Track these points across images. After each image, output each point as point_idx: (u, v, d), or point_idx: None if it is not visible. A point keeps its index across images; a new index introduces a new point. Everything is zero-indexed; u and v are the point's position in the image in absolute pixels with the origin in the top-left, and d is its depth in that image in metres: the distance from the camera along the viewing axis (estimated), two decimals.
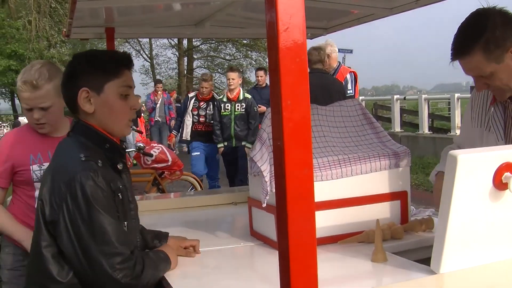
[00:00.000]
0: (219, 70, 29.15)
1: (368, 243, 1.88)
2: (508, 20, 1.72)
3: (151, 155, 5.38)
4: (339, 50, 7.21)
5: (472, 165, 1.47)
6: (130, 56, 1.76)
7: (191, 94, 7.44)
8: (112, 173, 1.62)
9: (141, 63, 30.59)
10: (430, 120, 13.22)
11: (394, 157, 2.05)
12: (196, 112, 7.03)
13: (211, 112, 6.96)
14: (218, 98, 7.00)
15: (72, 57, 1.75)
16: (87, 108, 1.63)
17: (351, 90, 5.65)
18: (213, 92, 7.24)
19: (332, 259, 1.80)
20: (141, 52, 30.35)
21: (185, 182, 6.45)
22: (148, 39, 26.57)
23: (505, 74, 1.74)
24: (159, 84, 12.90)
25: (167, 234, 1.97)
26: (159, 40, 28.02)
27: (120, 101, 1.67)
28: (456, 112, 11.35)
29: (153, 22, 3.25)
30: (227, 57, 29.42)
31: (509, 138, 1.87)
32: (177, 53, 29.10)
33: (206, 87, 7.01)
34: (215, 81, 27.14)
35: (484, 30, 1.69)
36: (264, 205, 1.93)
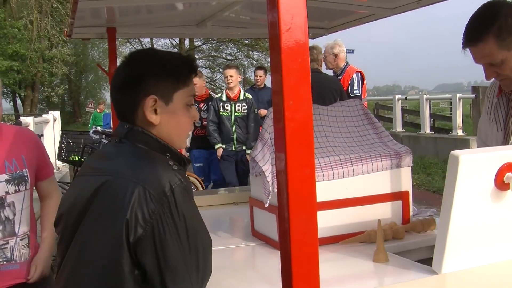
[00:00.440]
0: (220, 70, 29.15)
1: (370, 243, 1.88)
2: None
3: None
4: None
5: (474, 165, 1.47)
6: (196, 60, 1.55)
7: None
8: None
9: None
10: (432, 120, 13.21)
11: (395, 157, 2.05)
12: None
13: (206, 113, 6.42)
14: (215, 97, 6.50)
15: (131, 56, 1.47)
16: (154, 119, 1.37)
17: (357, 90, 5.63)
18: (209, 90, 6.85)
19: (333, 259, 1.80)
20: None
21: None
22: (149, 39, 26.51)
23: None
24: None
25: None
26: (161, 40, 28.01)
27: (186, 112, 1.44)
28: (458, 112, 11.34)
29: (155, 22, 3.25)
30: (229, 57, 29.42)
31: (508, 130, 1.92)
32: None
33: (195, 83, 6.73)
34: (216, 81, 27.13)
35: (497, 18, 1.76)
36: (266, 205, 1.93)
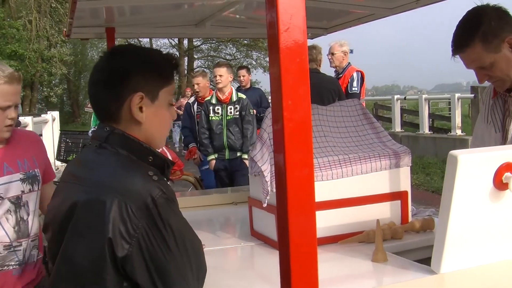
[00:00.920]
0: None
1: (369, 243, 1.88)
2: (502, 13, 1.84)
3: None
4: None
5: (472, 165, 1.47)
6: (177, 58, 1.55)
7: (191, 99, 6.46)
8: None
9: None
10: (431, 120, 13.22)
11: (394, 157, 2.05)
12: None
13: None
14: (206, 100, 5.77)
15: (114, 52, 1.44)
16: (140, 116, 1.34)
17: (356, 88, 5.65)
18: (213, 92, 6.38)
19: (332, 259, 1.80)
20: None
21: (186, 182, 6.44)
22: (148, 39, 26.52)
23: (504, 63, 1.83)
24: None
25: None
26: (160, 40, 28.02)
27: (168, 111, 1.43)
28: (457, 112, 11.35)
29: (154, 22, 3.25)
30: (228, 57, 29.41)
31: (505, 130, 1.93)
32: (177, 53, 29.06)
33: (198, 83, 6.06)
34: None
35: (481, 23, 1.81)
36: (265, 205, 1.93)
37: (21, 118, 6.97)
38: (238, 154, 5.43)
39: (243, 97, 5.55)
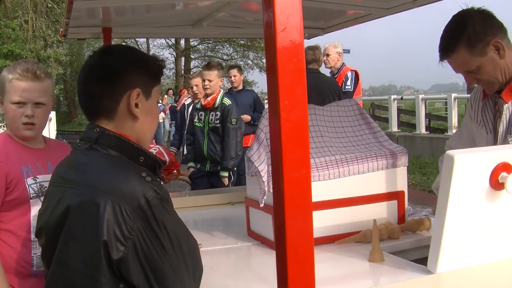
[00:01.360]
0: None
1: (365, 243, 1.88)
2: (486, 16, 1.84)
3: None
4: None
5: (469, 165, 1.47)
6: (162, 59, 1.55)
7: (187, 101, 6.04)
8: None
9: None
10: (427, 120, 13.25)
11: (391, 157, 2.06)
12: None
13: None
14: (194, 103, 5.38)
15: (105, 50, 1.42)
16: (137, 112, 1.35)
17: (349, 86, 5.71)
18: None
19: (329, 259, 1.80)
20: None
21: (183, 182, 6.44)
22: (145, 39, 26.56)
23: (490, 66, 1.83)
24: None
25: None
26: (156, 40, 28.06)
27: (157, 108, 1.46)
28: (453, 112, 11.38)
29: (150, 22, 3.24)
30: (225, 57, 29.43)
31: (497, 132, 1.93)
32: (174, 53, 29.12)
33: (197, 84, 5.52)
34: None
35: (465, 27, 1.81)
36: (262, 205, 1.93)
37: None
38: (219, 169, 4.86)
39: (228, 103, 4.91)
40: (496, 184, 1.50)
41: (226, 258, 2.00)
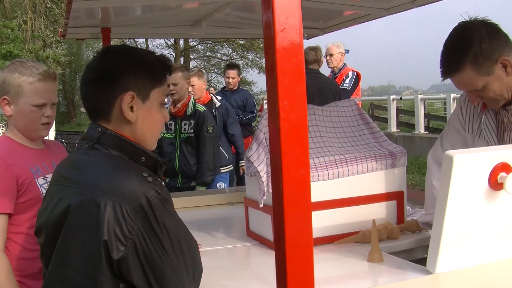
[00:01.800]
0: (215, 70, 29.18)
1: (364, 243, 1.88)
2: (493, 30, 1.70)
3: None
4: None
5: (468, 165, 1.47)
6: (170, 60, 1.52)
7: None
8: None
9: None
10: (426, 120, 13.25)
11: (390, 157, 2.06)
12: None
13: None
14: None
15: (106, 51, 1.43)
16: (131, 116, 1.34)
17: (347, 85, 5.69)
18: (211, 94, 5.16)
19: (328, 259, 1.80)
20: None
21: None
22: (144, 39, 26.51)
23: (497, 85, 1.73)
24: None
25: None
26: (156, 40, 27.99)
27: (160, 111, 1.42)
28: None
29: (149, 22, 3.24)
30: (224, 57, 29.43)
31: (503, 142, 1.87)
32: (173, 53, 29.08)
33: (193, 84, 4.86)
34: (211, 82, 27.09)
35: (471, 44, 1.67)
36: (261, 205, 1.93)
37: None
38: (192, 184, 4.31)
39: (202, 109, 4.36)
40: (495, 184, 1.50)
41: (225, 258, 2.00)
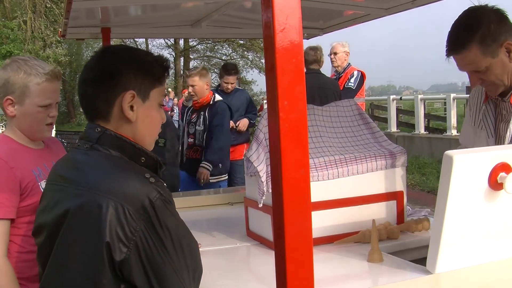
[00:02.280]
0: (215, 70, 29.19)
1: (364, 243, 1.88)
2: (501, 16, 1.79)
3: None
4: None
5: (467, 165, 1.47)
6: (169, 60, 1.51)
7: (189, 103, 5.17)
8: None
9: None
10: (426, 120, 13.26)
11: (390, 157, 2.06)
12: (186, 130, 4.77)
13: (202, 127, 4.58)
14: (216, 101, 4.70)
15: (106, 50, 1.43)
16: (131, 115, 1.33)
17: (352, 84, 5.61)
18: (213, 92, 4.87)
19: (328, 259, 1.80)
20: None
21: None
22: (144, 39, 26.54)
23: (499, 68, 1.78)
24: None
25: None
26: (155, 40, 28.04)
27: (158, 112, 1.42)
28: (452, 112, 11.38)
29: (149, 22, 3.24)
30: (224, 57, 29.44)
31: (498, 135, 1.91)
32: (173, 53, 29.10)
33: (193, 84, 4.65)
34: (211, 82, 27.05)
35: (480, 25, 1.75)
36: (260, 205, 1.93)
37: None
38: None
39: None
40: (494, 184, 1.50)
41: (225, 258, 2.00)
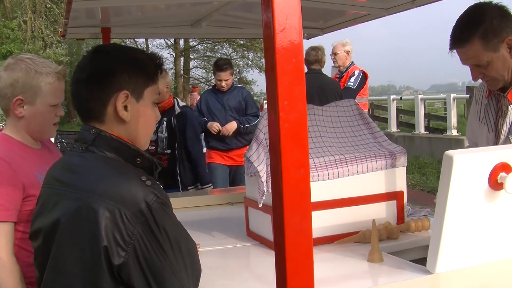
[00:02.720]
0: None
1: (364, 243, 1.88)
2: (504, 13, 1.84)
3: None
4: None
5: (468, 165, 1.47)
6: (162, 57, 1.48)
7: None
8: None
9: None
10: (426, 120, 13.25)
11: (390, 157, 2.06)
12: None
13: (165, 134, 4.02)
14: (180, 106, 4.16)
15: (98, 50, 1.40)
16: (125, 116, 1.32)
17: (352, 83, 5.54)
18: (174, 97, 4.26)
19: (328, 259, 1.80)
20: None
21: None
22: (144, 39, 26.53)
23: (500, 63, 1.83)
24: None
25: None
26: (156, 40, 28.00)
27: (153, 110, 1.41)
28: (452, 112, 11.37)
29: (149, 22, 3.25)
30: (224, 57, 29.45)
31: (498, 130, 1.94)
32: (173, 53, 29.10)
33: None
34: (211, 81, 27.05)
35: (483, 20, 1.80)
36: (260, 205, 1.93)
37: None
38: None
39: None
40: (495, 184, 1.50)
41: (225, 258, 2.00)
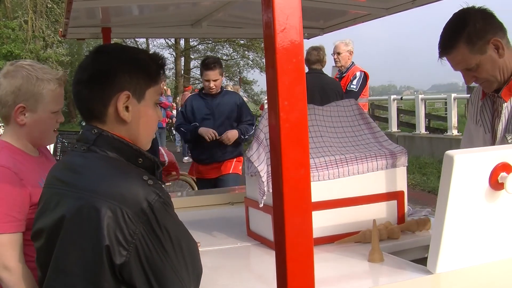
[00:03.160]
0: None
1: (365, 243, 1.88)
2: (487, 15, 1.87)
3: None
4: None
5: (468, 165, 1.47)
6: (164, 58, 1.47)
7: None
8: None
9: None
10: (427, 120, 13.24)
11: (390, 157, 2.06)
12: None
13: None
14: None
15: (100, 50, 1.41)
16: (126, 116, 1.32)
17: (354, 86, 5.52)
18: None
19: (328, 259, 1.80)
20: None
21: (182, 182, 6.43)
22: (144, 39, 26.54)
23: (489, 64, 1.85)
24: None
25: None
26: (156, 40, 28.03)
27: (154, 110, 1.41)
28: (453, 112, 11.37)
29: (150, 22, 3.24)
30: (224, 57, 29.43)
31: (494, 131, 1.94)
32: (174, 53, 29.11)
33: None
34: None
35: (466, 25, 1.83)
36: (261, 205, 1.93)
37: None
38: None
39: None
40: (495, 184, 1.50)
41: (225, 258, 2.00)
